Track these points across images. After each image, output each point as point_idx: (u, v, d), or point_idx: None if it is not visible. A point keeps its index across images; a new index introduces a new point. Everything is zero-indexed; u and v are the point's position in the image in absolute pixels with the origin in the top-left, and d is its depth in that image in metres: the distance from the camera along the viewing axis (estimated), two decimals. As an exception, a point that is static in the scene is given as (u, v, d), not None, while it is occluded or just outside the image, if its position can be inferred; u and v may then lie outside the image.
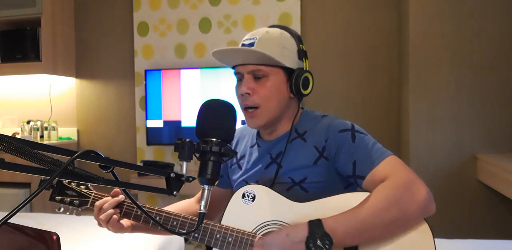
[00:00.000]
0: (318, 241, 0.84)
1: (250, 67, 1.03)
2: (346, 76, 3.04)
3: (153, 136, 3.17)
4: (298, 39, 1.08)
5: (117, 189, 1.08)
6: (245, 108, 1.06)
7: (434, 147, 2.53)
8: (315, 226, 0.87)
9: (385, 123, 2.98)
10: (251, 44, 1.02)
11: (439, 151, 2.52)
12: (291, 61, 1.05)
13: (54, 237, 0.59)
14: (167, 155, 3.29)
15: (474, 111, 2.48)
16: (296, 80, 1.03)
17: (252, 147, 1.17)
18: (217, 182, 0.79)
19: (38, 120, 3.33)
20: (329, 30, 3.05)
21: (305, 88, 1.06)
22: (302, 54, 1.06)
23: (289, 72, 1.05)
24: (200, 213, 0.76)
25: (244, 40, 1.06)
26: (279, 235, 0.90)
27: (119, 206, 1.05)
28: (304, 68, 1.06)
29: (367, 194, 0.94)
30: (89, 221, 1.99)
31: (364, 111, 3.01)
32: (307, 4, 3.07)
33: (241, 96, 1.05)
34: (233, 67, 1.09)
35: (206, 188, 0.76)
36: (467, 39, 2.48)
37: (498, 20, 2.44)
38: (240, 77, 1.07)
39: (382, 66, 2.99)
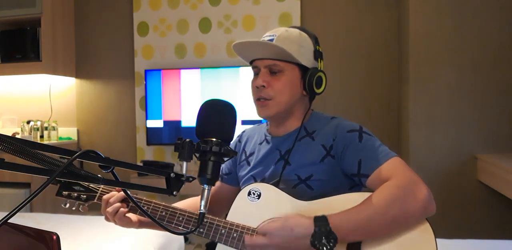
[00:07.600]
0: (323, 239, 0.85)
1: (267, 61, 1.07)
2: (346, 76, 3.04)
3: (153, 136, 3.17)
4: (315, 40, 1.12)
5: None
6: (258, 99, 1.09)
7: (434, 147, 2.53)
8: (321, 223, 0.87)
9: (385, 123, 2.98)
10: (271, 40, 1.06)
11: (439, 151, 2.52)
12: (307, 60, 1.08)
13: (54, 237, 0.59)
14: (167, 155, 3.29)
15: (474, 111, 2.48)
16: (309, 79, 1.07)
17: (260, 143, 1.20)
18: (217, 182, 0.79)
19: (38, 120, 3.33)
20: (329, 30, 3.05)
21: (318, 87, 1.09)
22: (318, 55, 1.11)
23: (304, 70, 1.09)
24: (200, 213, 0.76)
25: (264, 37, 1.10)
26: (284, 227, 0.91)
27: (126, 200, 1.08)
28: (319, 68, 1.10)
29: (370, 194, 0.95)
30: (89, 221, 1.99)
31: (364, 111, 3.01)
32: (307, 4, 3.07)
33: (256, 88, 1.09)
34: (251, 63, 1.13)
35: (206, 188, 0.76)
36: (467, 39, 2.48)
37: (499, 20, 2.44)
38: (256, 71, 1.11)
39: (382, 66, 2.99)
